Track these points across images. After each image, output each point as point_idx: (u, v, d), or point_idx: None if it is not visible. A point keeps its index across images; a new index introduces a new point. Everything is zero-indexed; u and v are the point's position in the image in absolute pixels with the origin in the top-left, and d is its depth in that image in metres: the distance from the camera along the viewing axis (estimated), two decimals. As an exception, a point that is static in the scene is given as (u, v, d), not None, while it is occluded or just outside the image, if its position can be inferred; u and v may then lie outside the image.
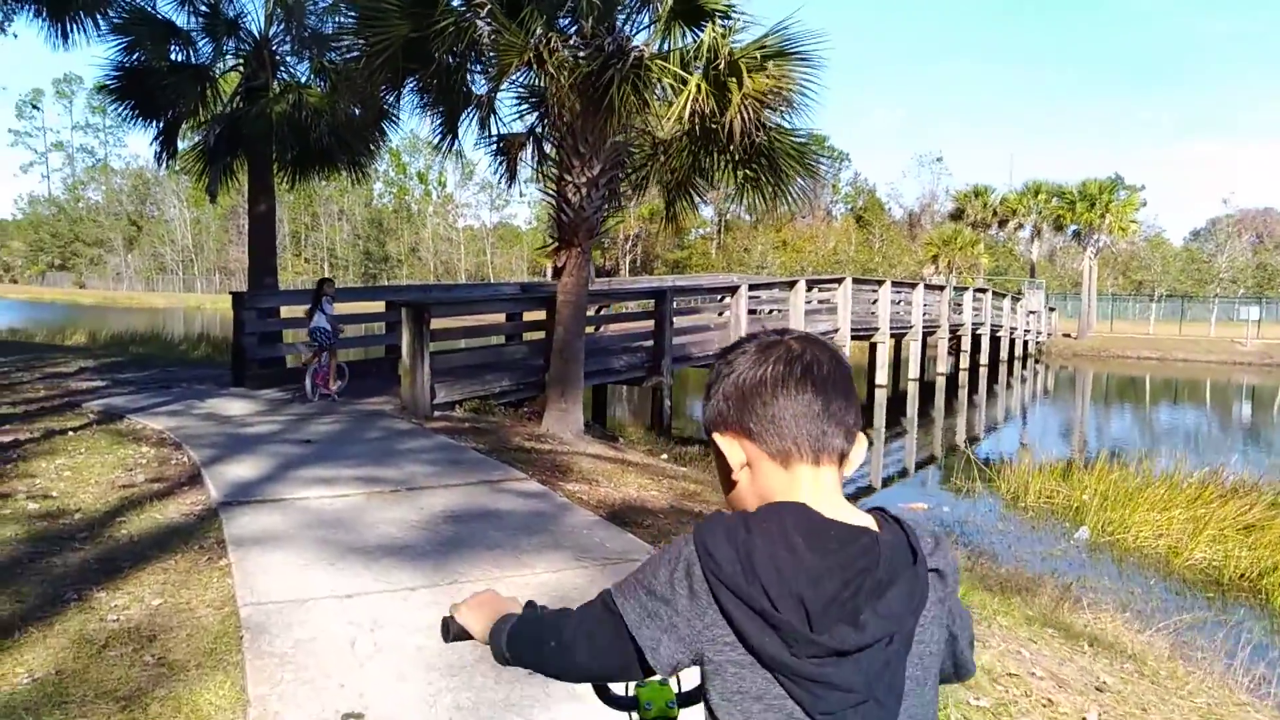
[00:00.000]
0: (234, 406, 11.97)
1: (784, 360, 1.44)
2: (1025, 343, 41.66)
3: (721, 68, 10.03)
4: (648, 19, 11.02)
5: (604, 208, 11.79)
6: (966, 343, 33.45)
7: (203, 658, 4.28)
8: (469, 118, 12.35)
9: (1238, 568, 9.60)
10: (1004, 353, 37.83)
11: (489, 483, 7.95)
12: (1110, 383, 37.25)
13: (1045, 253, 60.25)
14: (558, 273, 11.90)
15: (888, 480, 16.81)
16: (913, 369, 28.99)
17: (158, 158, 16.83)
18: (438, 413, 11.93)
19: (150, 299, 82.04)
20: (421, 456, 9.00)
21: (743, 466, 1.45)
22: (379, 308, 17.37)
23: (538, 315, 14.93)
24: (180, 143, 17.24)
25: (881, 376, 26.55)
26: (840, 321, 23.79)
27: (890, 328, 26.73)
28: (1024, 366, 39.84)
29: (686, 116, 10.26)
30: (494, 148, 12.85)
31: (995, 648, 5.39)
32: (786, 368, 1.43)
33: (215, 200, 19.78)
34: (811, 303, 23.32)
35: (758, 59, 10.11)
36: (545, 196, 12.27)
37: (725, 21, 10.35)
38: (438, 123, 12.50)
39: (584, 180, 11.29)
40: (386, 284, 75.44)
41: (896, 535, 1.39)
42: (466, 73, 11.60)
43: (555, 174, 11.83)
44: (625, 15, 10.89)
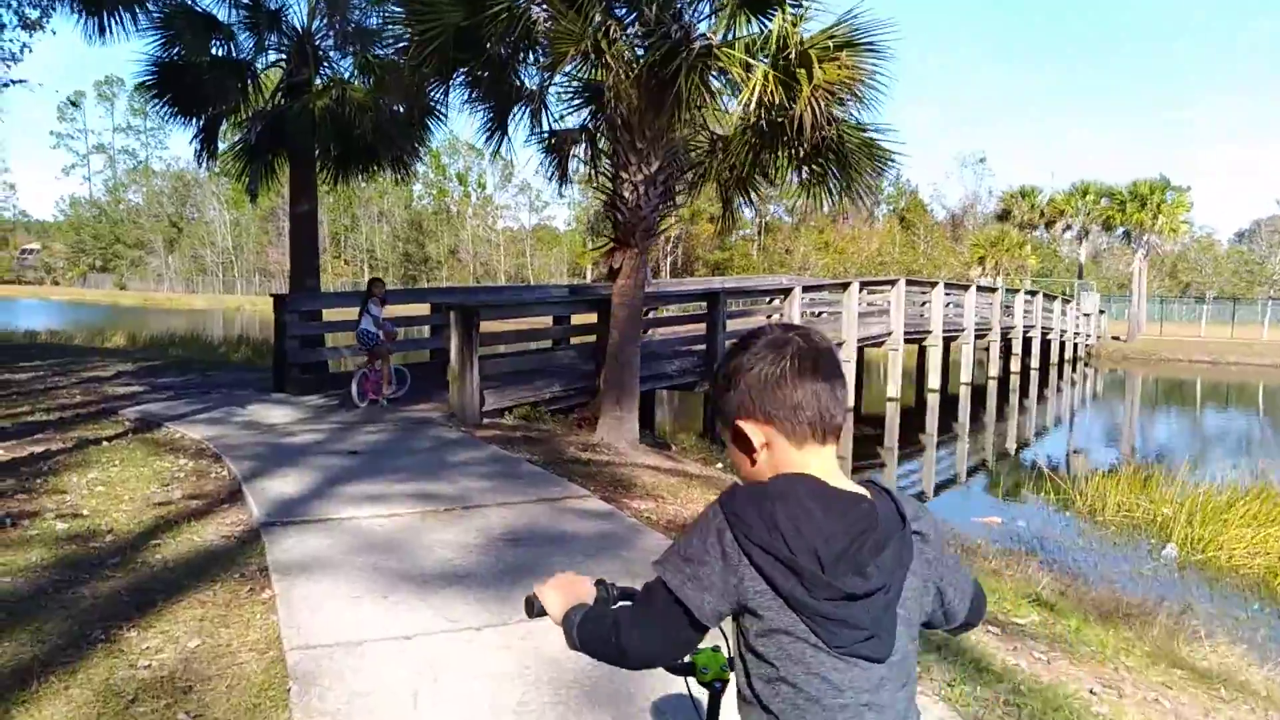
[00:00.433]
0: (275, 413, 11.50)
1: (798, 355, 1.67)
2: (1075, 346, 40.74)
3: (792, 57, 9.41)
4: (709, 8, 10.43)
5: (661, 207, 11.22)
6: (1017, 346, 32.61)
7: (245, 716, 3.74)
8: (519, 113, 11.85)
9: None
10: (1054, 356, 36.98)
11: (549, 500, 7.38)
12: (1165, 387, 36.14)
13: (1089, 254, 59.01)
14: (613, 274, 11.34)
15: (941, 486, 16.19)
16: (964, 373, 28.21)
17: (197, 156, 16.38)
18: (486, 420, 11.42)
19: (190, 300, 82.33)
20: (475, 469, 8.45)
21: (763, 447, 1.68)
22: (423, 310, 16.93)
23: (587, 318, 14.42)
24: (220, 143, 16.83)
25: (934, 380, 25.84)
26: (893, 324, 23.10)
27: (942, 330, 25.99)
28: (1073, 370, 38.88)
29: (753, 108, 9.66)
30: (544, 145, 12.34)
31: (1131, 696, 4.78)
32: (800, 361, 1.67)
33: (256, 200, 19.33)
34: (863, 305, 22.63)
35: (830, 48, 9.49)
36: (600, 194, 11.74)
37: (795, 9, 9.75)
38: (486, 119, 12.01)
39: (641, 178, 10.72)
40: (428, 285, 75.09)
41: (887, 503, 1.66)
42: (518, 64, 11.08)
43: (611, 172, 11.28)
44: (689, 1, 10.29)
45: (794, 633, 1.57)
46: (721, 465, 11.79)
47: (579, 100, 11.96)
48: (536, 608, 1.98)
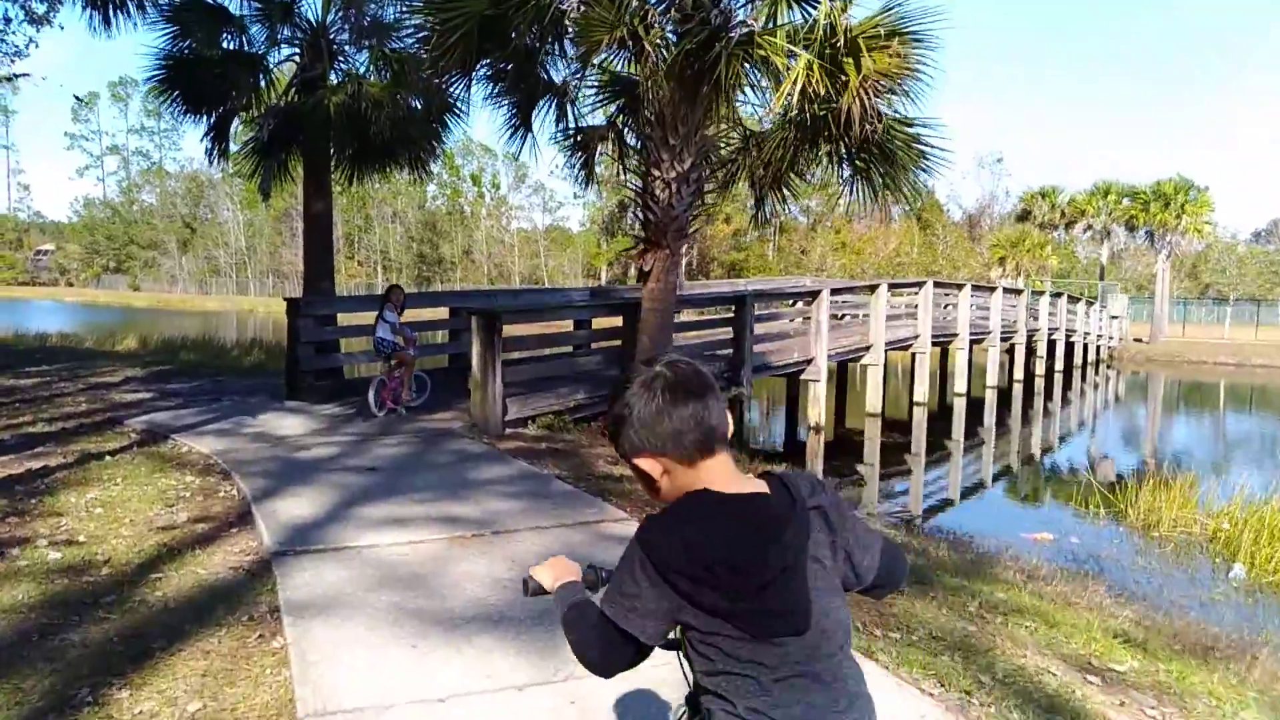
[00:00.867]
0: (288, 424, 10.95)
1: (667, 387, 1.82)
2: (1097, 348, 40.02)
3: (840, 45, 8.80)
4: (749, -7, 9.84)
5: (693, 205, 10.64)
6: (1042, 348, 31.92)
7: (253, 806, 3.16)
8: (544, 108, 11.33)
9: None
10: (1077, 358, 36.29)
11: (586, 524, 6.80)
12: (1191, 390, 35.33)
13: (1109, 255, 58.22)
14: (643, 276, 10.77)
15: (968, 491, 15.58)
16: (990, 376, 27.51)
17: (209, 154, 15.77)
18: (509, 430, 10.85)
19: (203, 302, 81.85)
20: (502, 488, 7.86)
21: (662, 475, 1.86)
22: (441, 314, 16.36)
23: (611, 322, 13.84)
24: (232, 143, 16.26)
25: (959, 384, 25.18)
26: (920, 327, 22.43)
27: (969, 333, 25.31)
28: (1096, 372, 38.18)
29: (795, 100, 9.05)
30: (570, 142, 11.80)
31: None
32: (671, 392, 1.82)
33: (268, 198, 18.78)
34: (889, 307, 21.95)
35: (880, 35, 8.89)
36: (626, 193, 11.19)
37: (841, -6, 9.14)
38: (510, 115, 11.48)
39: (673, 175, 10.14)
40: (443, 289, 74.45)
41: (779, 491, 1.83)
42: (545, 56, 10.52)
43: (641, 169, 10.70)
44: (728, -14, 9.68)
45: (725, 633, 1.73)
46: (750, 475, 11.19)
47: (605, 96, 11.43)
48: (532, 586, 2.14)
